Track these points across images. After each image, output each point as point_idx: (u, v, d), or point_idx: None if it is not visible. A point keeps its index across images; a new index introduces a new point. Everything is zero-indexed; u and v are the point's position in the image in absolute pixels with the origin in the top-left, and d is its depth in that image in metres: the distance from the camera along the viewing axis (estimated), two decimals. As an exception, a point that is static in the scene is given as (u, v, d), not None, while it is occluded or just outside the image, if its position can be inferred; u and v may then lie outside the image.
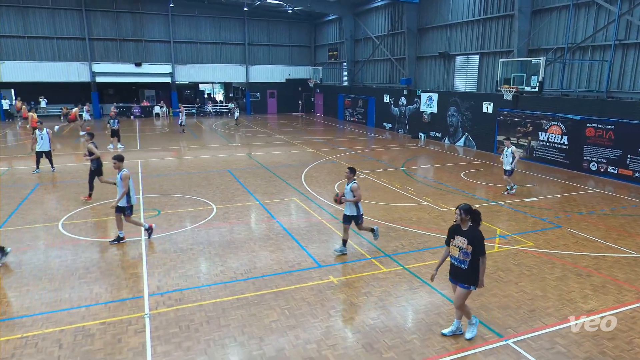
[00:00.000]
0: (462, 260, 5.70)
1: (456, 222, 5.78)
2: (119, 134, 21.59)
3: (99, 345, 5.83)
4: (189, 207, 11.90)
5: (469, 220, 5.67)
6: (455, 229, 5.81)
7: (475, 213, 5.69)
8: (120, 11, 34.60)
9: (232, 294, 7.23)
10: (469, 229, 5.67)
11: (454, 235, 5.80)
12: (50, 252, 8.89)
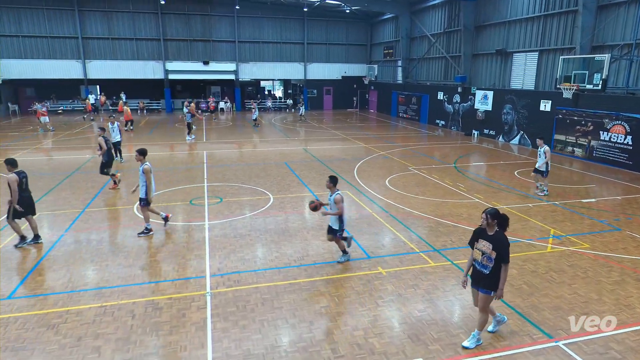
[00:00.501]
0: (484, 265, 5.35)
1: (482, 225, 5.42)
2: (191, 126, 22.60)
3: (166, 318, 6.17)
4: (249, 196, 12.24)
5: (496, 225, 5.30)
6: (480, 232, 5.46)
7: (503, 218, 5.31)
8: (192, 14, 36.01)
9: (285, 278, 7.38)
10: (495, 234, 5.30)
11: (478, 238, 5.44)
12: (126, 232, 9.50)
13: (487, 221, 5.30)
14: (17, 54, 33.23)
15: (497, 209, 5.37)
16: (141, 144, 21.22)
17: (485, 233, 5.38)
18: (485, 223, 5.33)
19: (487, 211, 5.34)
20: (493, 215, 5.28)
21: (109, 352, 5.42)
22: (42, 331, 5.83)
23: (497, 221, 5.28)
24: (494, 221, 5.27)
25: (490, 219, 5.28)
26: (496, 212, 5.31)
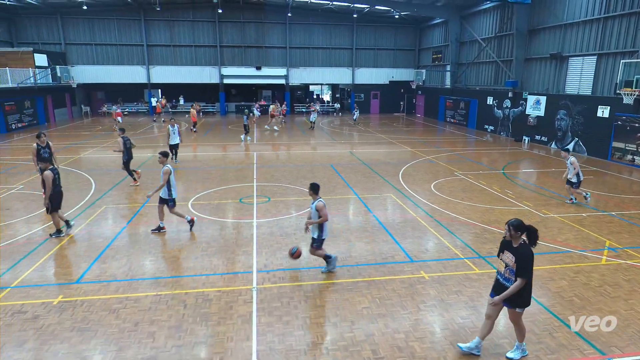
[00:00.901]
0: (507, 278, 5.05)
1: (505, 237, 5.11)
2: (248, 128, 23.21)
3: (215, 310, 6.36)
4: (295, 196, 12.38)
5: (520, 237, 4.97)
6: (506, 243, 5.13)
7: (530, 230, 4.94)
8: (246, 22, 37.04)
9: (328, 278, 7.39)
10: (520, 246, 4.96)
11: (504, 249, 5.12)
12: (181, 226, 9.90)
13: (510, 233, 4.98)
14: (90, 60, 35.70)
15: (521, 221, 5.01)
16: (197, 144, 22.05)
17: (511, 245, 5.06)
18: (509, 235, 5.01)
19: (510, 222, 5.01)
20: (516, 227, 4.95)
21: (162, 338, 5.66)
22: (105, 315, 6.20)
23: (522, 233, 4.95)
24: (518, 233, 4.95)
25: (513, 231, 4.96)
26: (519, 224, 4.97)
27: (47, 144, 11.73)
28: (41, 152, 11.60)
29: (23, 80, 27.40)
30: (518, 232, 4.94)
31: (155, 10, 34.26)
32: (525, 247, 4.95)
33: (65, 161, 17.15)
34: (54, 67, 31.80)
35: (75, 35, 35.13)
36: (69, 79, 33.49)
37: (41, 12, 33.64)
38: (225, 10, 34.99)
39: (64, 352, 5.37)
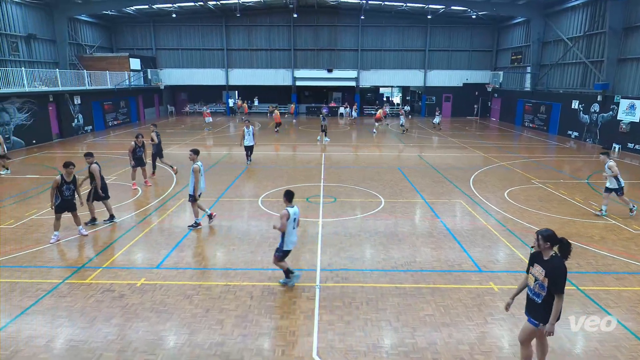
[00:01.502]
0: (536, 293, 4.61)
1: (534, 247, 4.67)
2: (326, 129, 23.59)
3: (279, 303, 6.53)
4: (361, 198, 12.33)
5: (550, 248, 4.52)
6: (536, 255, 4.68)
7: (562, 243, 4.51)
8: (320, 25, 37.63)
9: (391, 281, 7.27)
10: (551, 259, 4.51)
11: (534, 262, 4.68)
12: (251, 221, 10.30)
13: (538, 243, 4.55)
14: (176, 64, 38.46)
15: (552, 232, 4.55)
16: (270, 144, 22.80)
17: (541, 257, 4.61)
18: (537, 245, 4.58)
19: (540, 232, 4.58)
20: (546, 237, 4.51)
21: (229, 326, 5.93)
22: (180, 299, 6.63)
23: (552, 244, 4.52)
24: (547, 244, 4.51)
25: (542, 241, 4.52)
26: (550, 235, 4.52)
27: (142, 144, 12.90)
28: (136, 150, 12.81)
29: (119, 83, 30.21)
30: (547, 243, 4.52)
31: (235, 16, 36.02)
32: (556, 260, 4.50)
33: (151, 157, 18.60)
34: (146, 70, 34.72)
35: (165, 41, 38.03)
36: (158, 81, 36.39)
37: (137, 20, 36.88)
38: (300, 15, 35.81)
39: (143, 330, 5.83)
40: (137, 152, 12.92)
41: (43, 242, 8.84)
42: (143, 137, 13.21)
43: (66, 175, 8.83)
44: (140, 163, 13.05)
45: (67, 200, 8.90)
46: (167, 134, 26.56)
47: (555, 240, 4.52)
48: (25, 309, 6.32)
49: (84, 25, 33.24)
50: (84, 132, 26.47)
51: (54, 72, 24.79)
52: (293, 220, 6.83)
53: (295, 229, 6.93)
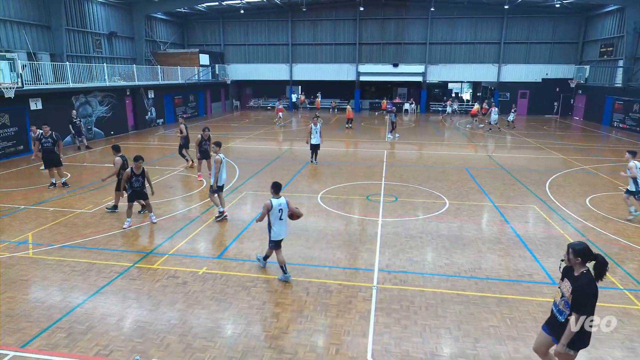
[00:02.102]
0: (560, 310, 4.29)
1: (563, 261, 4.32)
2: (395, 125, 23.53)
3: (334, 302, 6.58)
4: (423, 198, 12.04)
5: (583, 264, 4.16)
6: (568, 270, 4.32)
7: (597, 260, 4.06)
8: (387, 18, 37.11)
9: (453, 288, 7.03)
10: (581, 275, 4.14)
11: (564, 277, 4.34)
12: (309, 217, 10.45)
13: (569, 257, 4.20)
14: (243, 59, 39.96)
15: (586, 246, 4.15)
16: (332, 140, 22.96)
17: (572, 272, 4.25)
18: (567, 259, 4.22)
19: (572, 244, 4.22)
20: (577, 251, 4.14)
21: (285, 320, 6.08)
22: (238, 290, 6.91)
23: (583, 260, 4.15)
24: (578, 259, 4.15)
25: (572, 255, 4.17)
26: (583, 250, 4.13)
27: (209, 137, 13.56)
28: (203, 143, 13.49)
29: (189, 78, 31.97)
30: (578, 259, 4.15)
31: (301, 11, 36.61)
32: (586, 278, 4.12)
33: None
34: (214, 65, 36.46)
35: (233, 36, 39.62)
36: (225, 76, 38.04)
37: (207, 17, 38.78)
38: (366, 8, 35.57)
39: (204, 317, 6.15)
40: (203, 144, 13.60)
41: (117, 227, 9.62)
42: (209, 131, 13.87)
43: (135, 169, 9.54)
44: (206, 156, 13.72)
45: (137, 191, 9.64)
46: (231, 128, 27.70)
47: (588, 255, 4.16)
48: (100, 288, 6.93)
49: (159, 22, 35.60)
50: (156, 125, 28.38)
51: (132, 68, 26.81)
52: (278, 211, 7.02)
53: (282, 220, 7.12)
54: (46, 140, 12.61)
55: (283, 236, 7.27)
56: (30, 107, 18.40)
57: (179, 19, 38.40)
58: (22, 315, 6.18)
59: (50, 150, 12.64)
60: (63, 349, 5.41)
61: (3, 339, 5.61)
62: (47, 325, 5.92)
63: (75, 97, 21.15)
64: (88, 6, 27.17)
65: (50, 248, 8.51)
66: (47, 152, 12.66)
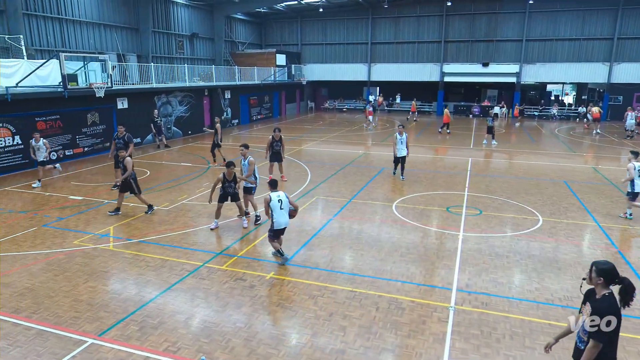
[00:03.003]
0: (580, 337, 3.98)
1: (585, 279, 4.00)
2: (493, 131, 22.55)
3: (406, 320, 6.42)
4: (512, 213, 11.36)
5: (606, 286, 3.83)
6: (591, 292, 4.00)
7: (625, 285, 3.75)
8: (477, 13, 35.72)
9: (544, 317, 6.53)
10: (602, 298, 3.82)
11: (586, 300, 4.02)
12: (383, 227, 10.34)
13: (590, 276, 3.90)
14: (319, 59, 40.78)
15: (612, 266, 3.84)
16: (412, 146, 22.53)
17: (594, 295, 3.93)
18: (589, 278, 3.92)
19: (596, 262, 3.92)
20: (600, 271, 3.83)
21: (352, 335, 6.05)
22: (305, 298, 7.02)
23: (606, 282, 3.82)
24: (600, 279, 3.83)
25: (594, 274, 3.85)
26: (607, 270, 3.81)
27: (280, 138, 14.01)
28: (274, 144, 13.98)
29: (265, 78, 33.29)
30: (601, 279, 3.84)
31: (382, 7, 36.54)
32: (607, 300, 3.79)
33: (289, 152, 20.08)
34: (290, 65, 37.61)
35: (310, 36, 40.62)
36: (301, 77, 39.07)
37: (286, 16, 40.17)
38: (454, 3, 34.55)
39: (269, 323, 6.33)
40: (274, 146, 14.02)
41: (190, 225, 10.27)
42: (280, 131, 14.27)
43: (227, 175, 10.00)
44: (277, 158, 14.10)
45: (229, 194, 10.13)
46: (304, 130, 28.33)
47: (612, 277, 3.83)
48: (171, 285, 7.43)
49: (238, 23, 37.59)
50: (231, 125, 29.90)
51: (210, 68, 28.56)
52: (278, 201, 8.07)
53: (283, 210, 8.11)
54: (118, 141, 13.37)
55: (284, 225, 8.22)
56: (117, 106, 20.33)
57: (258, 18, 40.20)
58: (101, 305, 6.81)
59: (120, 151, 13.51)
60: (135, 342, 5.87)
61: (83, 326, 6.22)
62: (123, 316, 6.47)
63: (158, 97, 22.99)
64: (173, 9, 29.48)
65: (128, 242, 9.31)
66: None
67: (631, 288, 3.78)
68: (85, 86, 17.10)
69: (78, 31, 23.07)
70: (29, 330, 6.12)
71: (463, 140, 24.16)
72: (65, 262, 8.31)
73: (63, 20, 22.18)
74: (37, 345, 5.78)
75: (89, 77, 17.74)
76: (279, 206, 8.08)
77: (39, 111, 16.77)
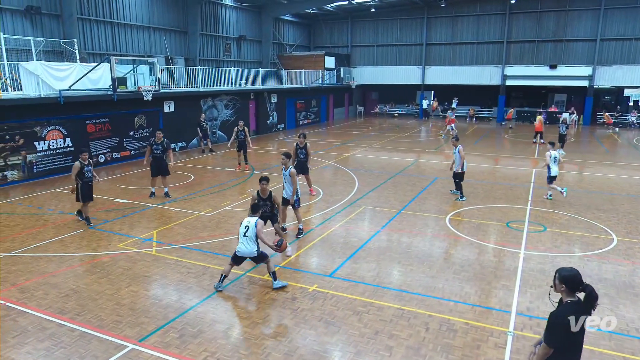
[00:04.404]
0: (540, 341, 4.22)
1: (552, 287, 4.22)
2: (565, 139, 21.82)
3: (459, 343, 6.23)
4: (581, 231, 10.78)
5: (569, 293, 4.01)
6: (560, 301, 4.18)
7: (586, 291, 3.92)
8: (544, 11, 34.44)
9: (617, 349, 6.13)
10: (559, 304, 4.11)
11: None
12: (434, 241, 10.12)
13: (554, 282, 4.13)
14: (370, 61, 40.74)
15: (576, 273, 4.01)
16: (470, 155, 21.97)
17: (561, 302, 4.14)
18: (554, 285, 4.14)
19: (560, 269, 4.14)
20: (562, 277, 4.04)
21: (399, 356, 5.94)
22: (349, 314, 6.97)
23: (569, 289, 4.00)
24: (562, 286, 4.04)
25: (557, 281, 4.07)
26: (570, 277, 4.00)
27: (304, 145, 13.49)
28: (298, 152, 13.50)
29: (313, 81, 33.66)
30: (563, 286, 4.04)
31: (439, 6, 36.05)
32: (567, 306, 4.00)
33: (335, 158, 20.15)
34: (339, 68, 37.81)
35: (361, 37, 40.71)
36: (350, 80, 39.16)
37: (336, 17, 40.51)
38: (518, 0, 33.51)
39: (310, 339, 6.34)
40: (299, 153, 13.45)
41: (232, 232, 10.50)
42: (305, 138, 13.78)
43: (262, 192, 8.98)
44: (302, 169, 13.26)
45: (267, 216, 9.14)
46: (352, 136, 28.34)
47: (575, 284, 4.00)
48: (212, 293, 7.62)
49: (286, 24, 38.31)
50: (276, 130, 30.42)
51: (257, 71, 29.26)
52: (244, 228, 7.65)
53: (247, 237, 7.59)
54: (157, 147, 13.17)
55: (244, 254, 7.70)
56: (164, 110, 21.23)
57: (306, 20, 40.80)
58: (142, 310, 7.09)
59: (159, 158, 13.18)
60: (174, 349, 6.06)
61: (125, 331, 6.50)
62: (163, 323, 6.70)
63: (204, 100, 23.81)
64: (221, 11, 30.54)
65: (170, 247, 9.65)
66: (156, 159, 13.22)
67: (592, 296, 3.93)
68: (134, 89, 18.02)
69: (129, 34, 24.39)
70: (72, 332, 6.47)
71: (526, 149, 23.26)
72: (109, 265, 8.74)
73: (115, 24, 23.54)
74: (80, 348, 6.10)
75: (137, 80, 18.69)
76: (243, 233, 7.59)
77: (89, 114, 17.83)
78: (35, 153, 16.06)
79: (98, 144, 18.36)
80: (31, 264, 8.80)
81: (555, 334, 3.98)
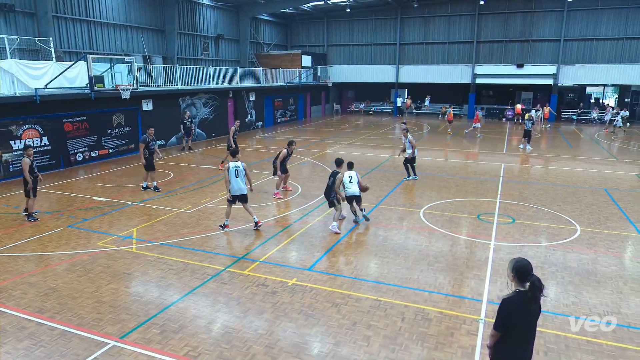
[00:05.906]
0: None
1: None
2: (530, 135, 22.20)
3: (433, 332, 6.33)
4: (547, 222, 11.06)
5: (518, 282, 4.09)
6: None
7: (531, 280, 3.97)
8: (511, 12, 35.07)
9: (582, 333, 6.32)
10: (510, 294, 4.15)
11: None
12: (409, 234, 10.23)
13: (507, 271, 4.21)
14: (346, 60, 40.81)
15: (527, 264, 4.06)
16: (441, 150, 22.24)
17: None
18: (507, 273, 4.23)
19: (513, 259, 4.21)
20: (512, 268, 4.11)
21: (376, 345, 6.00)
22: (328, 306, 7.00)
23: (519, 279, 4.08)
24: (511, 275, 4.13)
25: (508, 270, 4.15)
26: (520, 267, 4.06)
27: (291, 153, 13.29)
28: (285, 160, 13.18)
29: (290, 80, 33.52)
30: (512, 274, 4.13)
31: (412, 7, 36.32)
32: (511, 296, 4.11)
33: (313, 155, 20.13)
34: (316, 67, 37.75)
35: (337, 37, 40.71)
36: (326, 79, 39.17)
37: (312, 17, 40.40)
38: (487, 2, 34.04)
39: (290, 331, 6.34)
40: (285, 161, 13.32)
41: (212, 228, 10.41)
42: (295, 145, 13.68)
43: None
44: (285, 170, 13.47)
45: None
46: (330, 133, 28.37)
47: (523, 274, 4.07)
48: (193, 289, 7.54)
49: (264, 24, 38.02)
50: (255, 128, 30.21)
51: (235, 70, 28.96)
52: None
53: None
54: (153, 143, 13.84)
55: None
56: (143, 108, 20.83)
57: (283, 19, 40.57)
58: (123, 307, 6.97)
59: (153, 153, 13.77)
60: (156, 345, 5.98)
61: (105, 328, 6.37)
62: (144, 319, 6.60)
63: (182, 99, 23.45)
64: (198, 10, 30.09)
65: (150, 245, 9.50)
66: (152, 154, 13.68)
67: (535, 286, 3.97)
68: (112, 88, 17.61)
69: (105, 33, 23.80)
70: (52, 331, 6.32)
71: (495, 145, 23.72)
72: (88, 263, 8.55)
73: (91, 22, 22.93)
74: (61, 346, 5.96)
75: (115, 78, 18.26)
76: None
77: (66, 112, 17.35)
78: (12, 152, 15.55)
79: (76, 142, 17.88)
80: (9, 264, 8.55)
81: (498, 318, 4.13)
